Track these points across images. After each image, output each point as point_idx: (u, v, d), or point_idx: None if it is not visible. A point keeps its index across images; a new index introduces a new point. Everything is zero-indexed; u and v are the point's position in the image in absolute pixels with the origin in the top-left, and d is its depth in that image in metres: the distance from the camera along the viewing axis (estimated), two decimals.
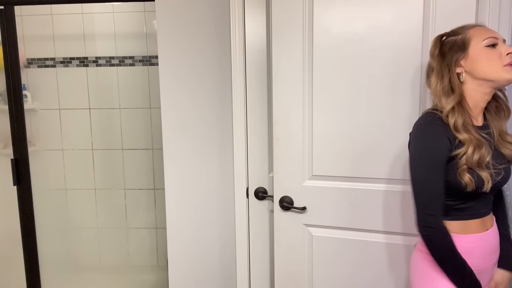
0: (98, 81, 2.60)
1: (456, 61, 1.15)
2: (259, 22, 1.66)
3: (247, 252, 1.82)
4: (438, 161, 1.11)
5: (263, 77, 1.69)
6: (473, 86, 1.15)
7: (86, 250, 2.75)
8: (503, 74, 1.10)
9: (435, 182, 1.11)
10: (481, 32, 1.14)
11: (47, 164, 2.65)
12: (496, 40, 1.12)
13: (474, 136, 1.11)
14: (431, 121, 1.13)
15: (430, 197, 1.12)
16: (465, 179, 1.09)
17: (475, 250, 1.16)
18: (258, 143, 1.73)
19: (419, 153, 1.14)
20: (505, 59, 1.11)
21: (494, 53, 1.11)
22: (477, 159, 1.09)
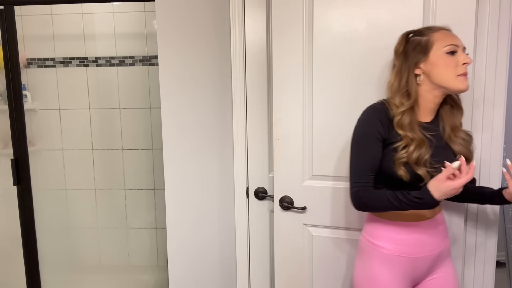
0: (98, 81, 2.60)
1: (416, 63, 1.21)
2: (259, 22, 1.66)
3: (247, 252, 1.82)
4: (367, 140, 1.21)
5: (263, 77, 1.69)
6: (428, 89, 1.21)
7: (86, 250, 2.75)
8: (456, 83, 1.17)
9: (362, 157, 1.22)
10: (444, 37, 1.19)
11: (47, 164, 2.65)
12: (457, 48, 1.18)
13: (417, 135, 1.18)
14: (375, 106, 1.24)
15: (357, 170, 1.23)
16: (399, 172, 1.17)
17: (409, 237, 1.24)
18: (258, 143, 1.73)
19: (354, 131, 1.25)
20: (460, 69, 1.17)
21: (452, 61, 1.17)
22: (416, 157, 1.16)
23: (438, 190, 1.09)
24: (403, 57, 1.23)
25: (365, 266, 1.29)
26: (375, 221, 1.29)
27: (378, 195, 1.20)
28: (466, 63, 1.16)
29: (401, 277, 1.24)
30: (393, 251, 1.24)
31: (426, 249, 1.25)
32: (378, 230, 1.28)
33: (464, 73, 1.17)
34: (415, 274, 1.27)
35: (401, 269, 1.24)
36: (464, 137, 1.26)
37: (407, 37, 1.25)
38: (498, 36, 1.40)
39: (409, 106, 1.20)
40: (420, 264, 1.26)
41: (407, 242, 1.24)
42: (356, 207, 1.24)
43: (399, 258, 1.24)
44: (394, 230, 1.25)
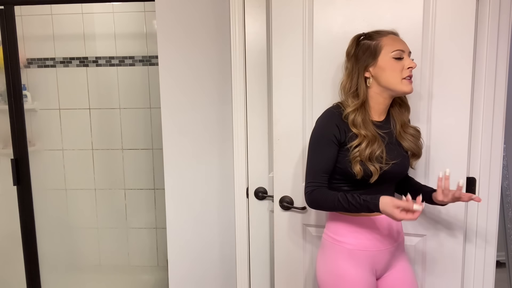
0: (98, 81, 2.60)
1: (366, 67, 1.27)
2: (259, 22, 1.66)
3: (247, 252, 1.82)
4: (323, 142, 1.28)
5: (263, 77, 1.69)
6: (377, 91, 1.28)
7: (86, 250, 2.74)
8: (401, 86, 1.24)
9: (317, 159, 1.29)
10: (392, 42, 1.25)
11: (47, 164, 2.65)
12: (403, 53, 1.25)
13: (370, 133, 1.25)
14: (331, 111, 1.31)
15: (312, 170, 1.30)
16: (355, 168, 1.24)
17: (366, 231, 1.30)
18: (258, 143, 1.73)
19: (312, 133, 1.32)
20: (405, 72, 1.24)
21: (398, 65, 1.24)
22: (368, 153, 1.23)
23: (385, 207, 1.16)
24: (354, 60, 1.29)
25: (330, 263, 1.33)
26: (337, 219, 1.35)
27: (329, 196, 1.26)
28: (410, 67, 1.24)
29: (365, 271, 1.30)
30: (356, 245, 1.30)
31: (384, 243, 1.31)
32: (340, 227, 1.33)
33: (409, 76, 1.24)
34: (376, 268, 1.32)
35: (364, 263, 1.30)
36: (413, 133, 1.34)
37: (358, 40, 1.30)
38: (498, 36, 1.40)
39: (356, 106, 1.26)
40: (380, 258, 1.31)
41: (367, 236, 1.30)
42: (309, 205, 1.31)
43: (362, 253, 1.30)
44: (355, 226, 1.31)
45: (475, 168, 1.48)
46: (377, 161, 1.24)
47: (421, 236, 1.50)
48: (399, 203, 1.13)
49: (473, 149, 1.47)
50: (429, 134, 1.44)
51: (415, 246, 1.51)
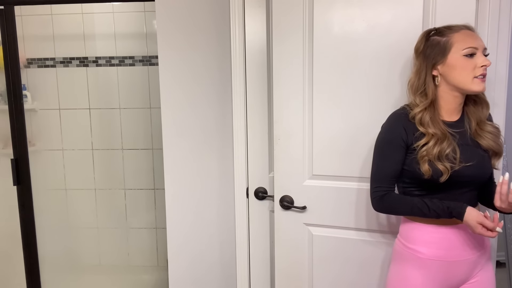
0: (98, 81, 2.60)
1: (434, 65, 1.22)
2: (259, 22, 1.66)
3: (247, 251, 1.82)
4: (391, 148, 1.25)
5: (263, 77, 1.69)
6: (446, 90, 1.22)
7: (86, 250, 2.74)
8: (472, 85, 1.18)
9: (385, 163, 1.26)
10: (464, 38, 1.18)
11: (47, 164, 2.65)
12: (476, 50, 1.17)
13: (439, 131, 1.19)
14: (397, 113, 1.27)
15: (380, 175, 1.27)
16: (423, 168, 1.18)
17: (441, 240, 1.23)
18: (258, 143, 1.73)
19: (378, 137, 1.29)
20: (477, 71, 1.17)
21: (469, 63, 1.17)
22: (437, 152, 1.17)
23: (469, 219, 1.14)
24: (422, 57, 1.23)
25: (399, 270, 1.28)
26: (410, 224, 1.27)
27: (405, 200, 1.24)
28: (484, 66, 1.16)
29: (436, 282, 1.23)
30: (428, 255, 1.23)
31: (462, 253, 1.23)
32: (413, 234, 1.26)
33: (482, 75, 1.17)
34: (451, 279, 1.24)
35: (436, 273, 1.23)
36: (491, 130, 1.25)
37: (428, 36, 1.24)
38: (498, 36, 1.40)
39: (424, 106, 1.21)
40: (456, 268, 1.23)
41: (441, 246, 1.22)
42: (379, 210, 1.29)
43: (434, 262, 1.22)
44: (429, 233, 1.23)
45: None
46: (448, 160, 1.18)
47: None
48: (484, 221, 1.11)
49: None
50: None
51: None
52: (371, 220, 1.53)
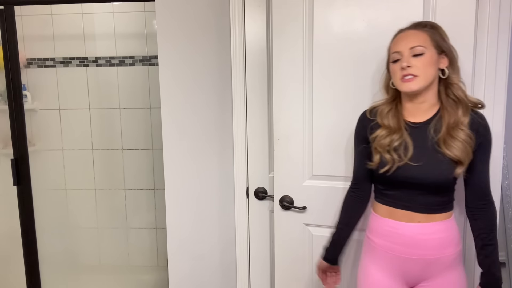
0: (98, 81, 2.60)
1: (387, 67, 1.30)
2: (259, 22, 1.66)
3: (247, 251, 1.82)
4: (355, 145, 1.37)
5: (263, 77, 1.69)
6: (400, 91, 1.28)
7: (86, 250, 2.74)
8: (401, 86, 1.23)
9: (354, 159, 1.38)
10: (393, 45, 1.25)
11: (47, 164, 2.65)
12: (398, 55, 1.22)
13: (394, 124, 1.25)
14: (364, 110, 1.36)
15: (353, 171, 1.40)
16: (374, 159, 1.26)
17: (395, 235, 1.27)
18: (258, 143, 1.73)
19: None
20: (401, 73, 1.21)
21: (396, 67, 1.23)
22: (387, 142, 1.23)
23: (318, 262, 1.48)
24: (387, 57, 1.30)
25: (362, 259, 1.37)
26: (371, 214, 1.35)
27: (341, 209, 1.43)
28: (402, 68, 1.21)
29: (391, 274, 1.28)
30: (381, 246, 1.29)
31: (416, 252, 1.25)
32: (371, 223, 1.34)
33: (404, 75, 1.21)
34: (406, 275, 1.28)
35: (390, 265, 1.28)
36: (464, 139, 1.19)
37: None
38: (498, 36, 1.40)
39: (387, 101, 1.30)
40: (409, 265, 1.26)
41: (395, 240, 1.27)
42: None
43: (387, 254, 1.28)
44: (385, 226, 1.29)
45: None
46: (397, 155, 1.22)
47: None
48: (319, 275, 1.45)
49: None
50: None
51: None
52: None
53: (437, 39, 1.21)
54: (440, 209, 1.26)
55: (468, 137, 1.20)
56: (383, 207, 1.31)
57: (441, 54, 1.22)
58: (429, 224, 1.25)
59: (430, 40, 1.20)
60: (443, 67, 1.22)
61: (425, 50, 1.20)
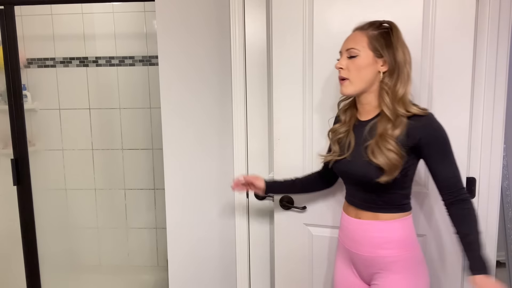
0: (98, 81, 2.60)
1: None
2: (259, 22, 1.67)
3: (247, 251, 1.82)
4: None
5: (263, 77, 1.69)
6: None
7: (86, 250, 2.74)
8: (340, 87, 1.24)
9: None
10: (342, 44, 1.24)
11: (47, 164, 2.64)
12: (340, 55, 1.24)
13: (345, 118, 1.30)
14: None
15: None
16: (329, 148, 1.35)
17: (346, 229, 1.32)
18: (258, 143, 1.73)
19: None
20: (338, 75, 1.24)
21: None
22: (335, 135, 1.31)
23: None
24: None
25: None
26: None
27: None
28: (338, 68, 1.23)
29: (344, 264, 1.35)
30: (340, 238, 1.37)
31: (357, 247, 1.28)
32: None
33: (339, 77, 1.23)
34: (356, 269, 1.32)
35: (346, 257, 1.34)
36: (391, 148, 1.15)
37: None
38: (498, 36, 1.40)
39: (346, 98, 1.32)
40: (355, 260, 1.31)
41: (344, 233, 1.33)
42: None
43: (343, 247, 1.35)
44: (341, 220, 1.36)
45: (475, 168, 1.48)
46: (341, 148, 1.29)
47: (421, 236, 1.50)
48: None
49: (473, 149, 1.47)
50: None
51: None
52: None
53: (375, 42, 1.17)
54: (383, 208, 1.24)
55: (394, 150, 1.15)
56: (344, 201, 1.36)
57: (381, 58, 1.18)
58: (370, 222, 1.26)
59: (367, 42, 1.18)
60: (383, 70, 1.19)
61: (359, 53, 1.18)
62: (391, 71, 1.18)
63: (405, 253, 1.24)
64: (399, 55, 1.17)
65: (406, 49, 1.19)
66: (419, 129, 1.16)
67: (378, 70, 1.19)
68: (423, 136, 1.16)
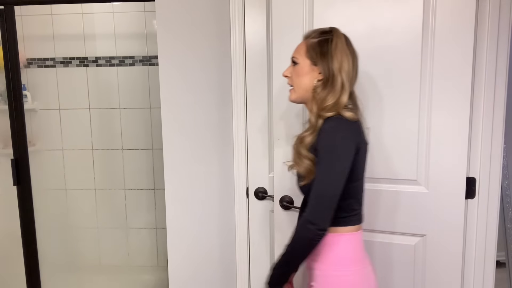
0: (98, 81, 2.60)
1: None
2: (259, 22, 1.66)
3: (247, 252, 1.82)
4: None
5: (263, 77, 1.69)
6: None
7: (86, 250, 2.74)
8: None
9: None
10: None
11: (47, 164, 2.65)
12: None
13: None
14: None
15: None
16: None
17: None
18: (258, 143, 1.73)
19: None
20: None
21: None
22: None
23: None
24: None
25: None
26: None
27: None
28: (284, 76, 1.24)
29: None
30: None
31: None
32: None
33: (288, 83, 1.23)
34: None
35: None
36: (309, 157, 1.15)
37: None
38: (498, 36, 1.40)
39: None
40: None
41: None
42: None
43: None
44: None
45: (475, 168, 1.48)
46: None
47: (421, 236, 1.50)
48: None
49: (473, 149, 1.47)
50: (429, 134, 1.44)
51: (415, 246, 1.51)
52: (370, 221, 1.53)
53: (312, 50, 1.17)
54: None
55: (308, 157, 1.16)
56: None
57: (316, 66, 1.17)
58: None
59: (305, 51, 1.18)
60: (319, 79, 1.17)
61: (298, 61, 1.19)
62: (326, 80, 1.15)
63: (333, 272, 1.19)
64: (334, 64, 1.14)
65: (345, 58, 1.15)
66: (319, 133, 1.15)
67: (316, 78, 1.17)
68: (319, 139, 1.14)
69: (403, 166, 1.47)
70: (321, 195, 1.11)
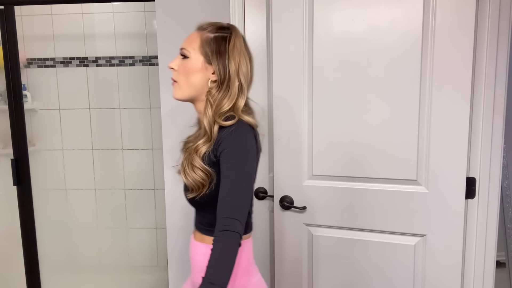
0: (98, 81, 2.60)
1: None
2: (259, 22, 1.66)
3: None
4: None
5: (263, 77, 1.69)
6: None
7: (86, 250, 2.74)
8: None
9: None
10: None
11: (47, 164, 2.65)
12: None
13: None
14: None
15: None
16: None
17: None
18: None
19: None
20: None
21: None
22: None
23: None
24: None
25: None
26: None
27: None
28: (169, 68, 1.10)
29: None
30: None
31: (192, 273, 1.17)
32: None
33: (171, 78, 1.10)
34: None
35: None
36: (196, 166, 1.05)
37: None
38: (498, 36, 1.40)
39: None
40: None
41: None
42: None
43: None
44: None
45: (475, 168, 1.48)
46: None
47: (421, 236, 1.50)
48: None
49: (473, 149, 1.47)
50: (429, 134, 1.44)
51: (415, 246, 1.51)
52: (371, 221, 1.53)
53: (207, 46, 1.06)
54: (208, 230, 1.12)
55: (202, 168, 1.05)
56: None
57: (210, 65, 1.06)
58: (198, 244, 1.15)
59: (199, 45, 1.07)
60: (212, 79, 1.07)
61: (189, 55, 1.07)
62: (221, 82, 1.06)
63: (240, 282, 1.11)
64: (231, 65, 1.05)
65: (243, 59, 1.07)
66: (220, 138, 1.04)
67: (209, 78, 1.07)
68: (221, 144, 1.03)
69: (403, 166, 1.47)
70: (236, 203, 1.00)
